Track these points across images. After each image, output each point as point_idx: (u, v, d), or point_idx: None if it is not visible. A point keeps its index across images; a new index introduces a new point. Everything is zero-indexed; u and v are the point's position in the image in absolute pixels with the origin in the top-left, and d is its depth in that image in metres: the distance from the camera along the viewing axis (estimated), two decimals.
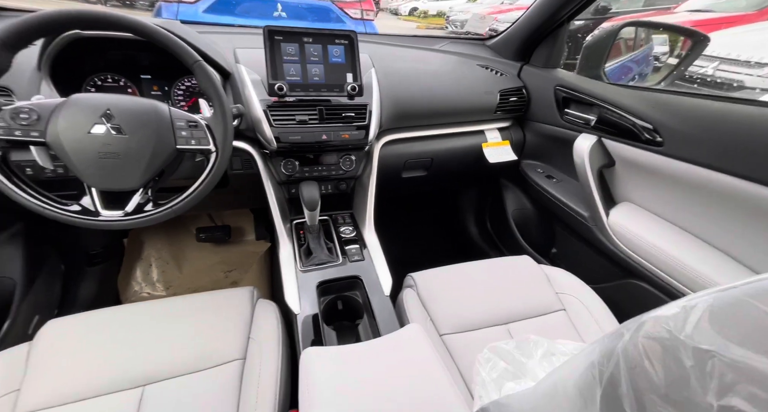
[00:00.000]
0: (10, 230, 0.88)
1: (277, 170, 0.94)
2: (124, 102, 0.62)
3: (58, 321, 0.66)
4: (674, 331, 0.21)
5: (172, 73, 0.92)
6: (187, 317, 0.72)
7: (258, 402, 0.61)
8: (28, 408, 0.55)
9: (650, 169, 0.88)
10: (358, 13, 3.04)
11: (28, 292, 0.89)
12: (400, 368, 0.50)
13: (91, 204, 0.63)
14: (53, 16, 0.56)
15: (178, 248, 1.35)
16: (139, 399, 0.60)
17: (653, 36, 1.55)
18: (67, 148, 0.58)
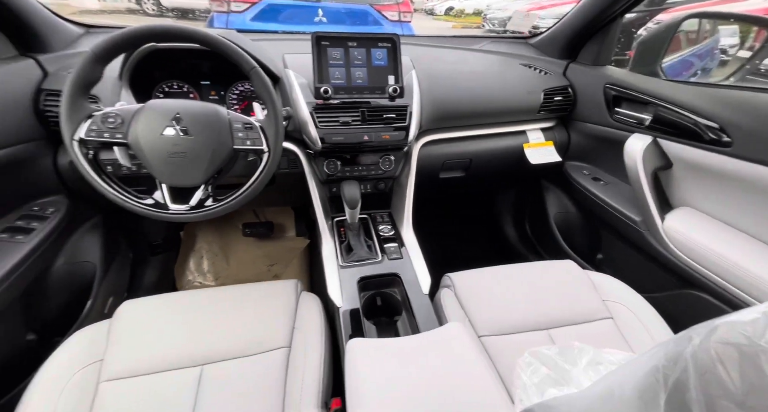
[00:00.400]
0: (91, 221, 1.00)
1: (320, 170, 0.98)
2: (191, 107, 0.68)
3: (132, 302, 0.74)
4: (753, 337, 0.21)
5: (228, 79, 0.99)
6: (239, 305, 0.77)
7: (303, 389, 0.64)
8: (111, 376, 0.62)
9: (715, 171, 0.82)
10: (396, 15, 3.07)
11: (105, 276, 1.00)
12: (443, 365, 0.51)
13: (162, 198, 0.69)
14: (137, 32, 0.63)
15: (225, 242, 1.45)
16: (199, 376, 0.65)
17: (720, 27, 1.43)
18: (144, 148, 0.65)
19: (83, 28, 0.99)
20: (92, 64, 0.63)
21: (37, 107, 0.79)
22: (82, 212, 0.94)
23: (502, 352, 0.73)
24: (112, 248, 1.06)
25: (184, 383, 0.64)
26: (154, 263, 1.27)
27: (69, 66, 0.84)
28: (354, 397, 0.49)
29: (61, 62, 0.85)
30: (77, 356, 0.64)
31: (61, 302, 0.91)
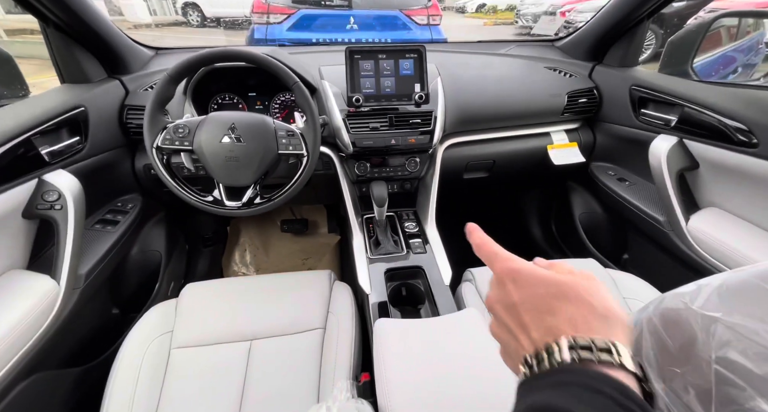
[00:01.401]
0: (157, 216, 1.17)
1: (352, 171, 1.07)
2: (244, 117, 0.80)
3: (193, 285, 0.87)
4: (689, 303, 0.27)
5: (271, 91, 1.11)
6: (281, 291, 0.88)
7: (336, 364, 0.73)
8: (180, 344, 0.75)
9: (742, 172, 0.82)
10: (425, 19, 3.13)
11: (168, 263, 1.16)
12: (461, 343, 0.58)
13: (219, 196, 0.81)
14: (203, 56, 0.75)
15: (266, 237, 1.59)
16: (248, 350, 0.77)
17: (766, 22, 1.36)
18: (207, 154, 0.77)
19: (153, 50, 1.16)
20: (168, 84, 0.77)
21: (122, 120, 0.95)
22: (151, 207, 1.10)
23: None
24: (173, 239, 1.23)
25: (237, 354, 0.76)
26: (205, 254, 1.44)
27: (145, 84, 0.99)
28: (381, 369, 0.57)
29: (139, 81, 1.01)
30: (154, 327, 0.78)
31: (136, 283, 1.08)
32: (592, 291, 0.26)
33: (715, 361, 0.24)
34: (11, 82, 0.89)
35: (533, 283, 0.28)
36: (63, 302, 0.73)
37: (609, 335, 0.23)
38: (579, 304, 0.25)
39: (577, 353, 0.23)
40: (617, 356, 0.22)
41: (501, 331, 0.29)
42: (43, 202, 0.73)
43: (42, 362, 0.71)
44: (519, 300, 0.27)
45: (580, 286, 0.26)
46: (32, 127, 0.72)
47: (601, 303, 0.25)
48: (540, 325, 0.26)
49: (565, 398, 0.21)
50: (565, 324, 0.25)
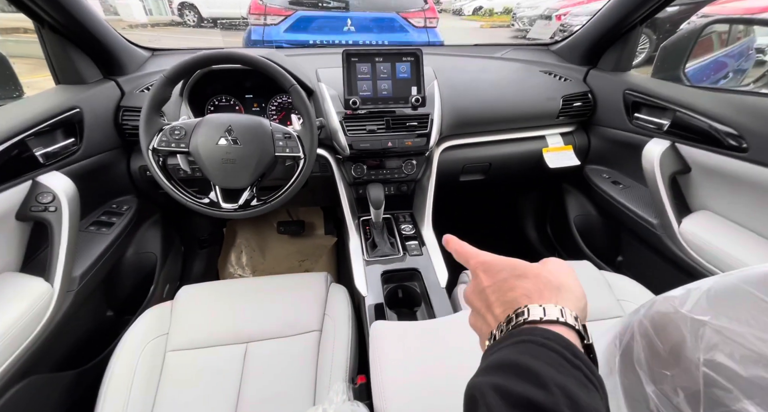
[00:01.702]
0: (153, 218, 1.16)
1: (348, 173, 1.08)
2: (240, 120, 0.80)
3: (188, 288, 0.86)
4: (678, 307, 0.27)
5: (268, 93, 1.11)
6: (277, 293, 0.88)
7: (333, 366, 0.73)
8: (175, 347, 0.75)
9: (733, 176, 0.83)
10: (422, 22, 3.14)
11: (164, 265, 1.15)
12: (457, 345, 0.58)
13: (215, 198, 0.81)
14: (201, 58, 0.75)
15: (262, 238, 1.59)
16: (244, 352, 0.77)
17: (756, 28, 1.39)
18: (203, 156, 0.77)
19: (149, 51, 1.15)
20: (164, 86, 0.77)
21: (117, 121, 0.94)
22: (146, 209, 1.10)
23: None
24: (168, 241, 1.22)
25: (233, 357, 0.76)
26: (201, 255, 1.43)
27: (140, 86, 0.99)
28: (378, 372, 0.58)
29: (134, 83, 1.00)
30: (149, 330, 0.77)
31: (131, 285, 1.07)
32: (550, 270, 0.30)
33: (704, 363, 0.24)
34: (5, 82, 0.89)
35: (499, 269, 0.32)
36: (57, 304, 0.72)
37: (559, 303, 0.27)
38: (536, 280, 0.29)
39: (528, 315, 0.27)
40: (560, 316, 0.26)
41: (475, 319, 0.33)
42: (37, 204, 0.72)
43: (36, 365, 0.70)
44: (487, 285, 0.31)
45: (543, 268, 0.30)
46: (26, 129, 0.71)
47: (557, 278, 0.29)
48: (502, 301, 0.30)
49: (519, 353, 0.24)
50: (521, 297, 0.29)
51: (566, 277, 0.30)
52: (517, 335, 0.26)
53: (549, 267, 0.31)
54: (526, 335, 0.26)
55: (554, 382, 0.22)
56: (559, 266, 0.31)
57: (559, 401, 0.21)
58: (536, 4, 7.58)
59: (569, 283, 0.30)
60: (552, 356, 0.24)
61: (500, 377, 0.24)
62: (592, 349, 0.27)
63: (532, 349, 0.24)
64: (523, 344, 0.25)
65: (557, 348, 0.24)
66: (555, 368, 0.23)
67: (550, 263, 0.32)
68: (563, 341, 0.25)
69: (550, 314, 0.26)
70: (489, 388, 0.23)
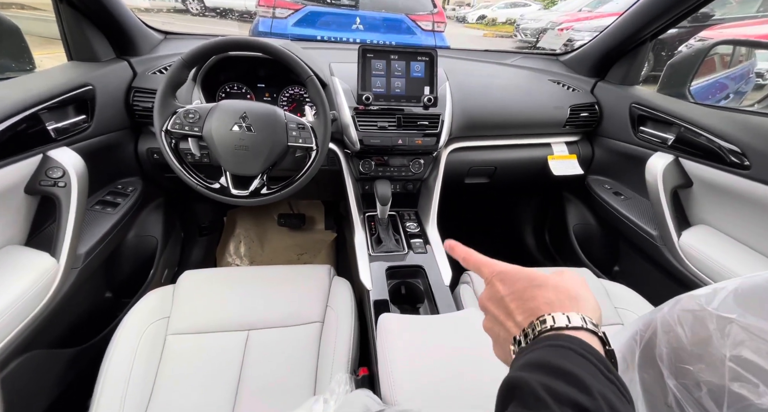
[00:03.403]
0: (156, 202, 1.15)
1: (356, 168, 1.08)
2: (255, 107, 0.80)
3: (190, 273, 0.86)
4: (704, 305, 0.28)
5: (280, 83, 1.11)
6: (280, 283, 0.87)
7: (335, 357, 0.73)
8: (175, 331, 0.74)
9: (733, 192, 0.86)
10: (429, 25, 3.16)
11: (164, 250, 1.14)
12: (461, 340, 0.59)
13: (226, 183, 0.81)
14: (222, 43, 0.75)
15: (262, 230, 1.58)
16: (245, 339, 0.76)
17: (757, 52, 1.43)
18: (216, 141, 0.76)
19: (163, 34, 1.14)
20: (181, 69, 0.76)
21: (128, 102, 0.93)
22: (150, 192, 1.09)
23: None
24: (169, 226, 1.21)
25: (234, 344, 0.75)
26: (200, 243, 1.42)
27: (153, 68, 0.98)
28: (384, 360, 0.58)
29: (147, 64, 0.99)
30: (150, 313, 0.77)
31: (131, 268, 1.06)
32: (566, 280, 0.32)
33: (730, 359, 0.25)
34: (19, 54, 0.87)
35: (516, 279, 0.33)
36: (62, 280, 0.71)
37: (579, 310, 0.29)
38: (555, 290, 0.31)
39: (554, 323, 0.28)
40: (584, 324, 0.28)
41: (492, 324, 0.34)
42: (46, 178, 0.71)
43: (37, 339, 0.69)
44: (505, 294, 0.33)
45: (556, 278, 0.32)
46: (40, 102, 0.70)
47: (574, 289, 0.31)
48: (524, 309, 0.31)
49: (559, 357, 0.26)
50: (543, 305, 0.30)
51: (582, 288, 0.32)
52: (548, 340, 0.28)
53: (565, 277, 0.32)
54: (558, 340, 0.27)
55: (597, 390, 0.24)
56: (573, 277, 0.33)
57: (603, 408, 0.23)
58: (539, 17, 7.69)
59: (585, 294, 0.31)
60: (589, 366, 0.25)
61: (545, 377, 0.25)
62: (613, 355, 0.29)
63: (570, 355, 0.26)
64: (561, 349, 0.26)
65: (592, 359, 0.26)
66: (594, 377, 0.24)
67: (565, 273, 0.33)
68: (595, 352, 0.26)
69: (574, 321, 0.28)
70: (538, 385, 0.24)
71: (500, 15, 11.36)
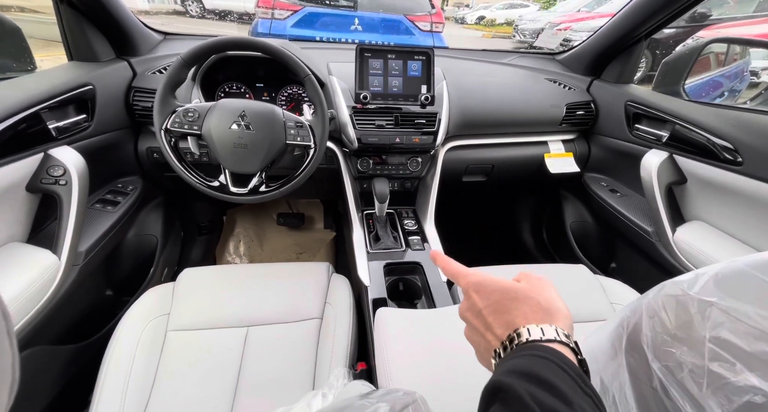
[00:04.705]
0: (155, 201, 1.16)
1: (354, 167, 1.09)
2: (254, 106, 0.81)
3: (190, 270, 0.86)
4: (687, 289, 0.29)
5: (278, 83, 1.12)
6: (280, 280, 0.88)
7: (333, 353, 0.74)
8: (176, 327, 0.75)
9: (726, 188, 0.87)
10: (428, 26, 3.18)
11: (164, 249, 1.15)
12: (459, 335, 0.60)
13: (225, 181, 0.82)
14: (220, 42, 0.76)
15: (261, 229, 1.59)
16: (245, 336, 0.77)
17: (752, 50, 1.45)
18: (215, 139, 0.77)
19: (162, 34, 1.15)
20: (180, 68, 0.77)
21: (128, 101, 0.94)
22: (150, 191, 1.10)
23: None
24: (169, 225, 1.22)
25: (233, 340, 0.76)
26: (200, 242, 1.43)
27: (152, 68, 0.99)
28: (382, 353, 0.59)
29: (146, 64, 1.00)
30: (150, 309, 0.77)
31: (131, 266, 1.07)
32: (539, 291, 0.34)
33: (709, 340, 0.26)
34: (20, 55, 0.88)
35: (491, 290, 0.35)
36: (63, 277, 0.72)
37: (552, 322, 0.31)
38: (528, 302, 0.33)
39: (530, 336, 0.30)
40: (557, 336, 0.30)
41: (473, 334, 0.36)
42: (48, 176, 0.72)
43: (39, 336, 0.70)
44: (482, 306, 0.34)
45: (528, 289, 0.34)
46: (41, 101, 0.71)
47: (545, 299, 0.33)
48: (501, 323, 0.33)
49: (540, 367, 0.28)
50: (519, 318, 0.32)
51: (553, 298, 0.33)
52: (522, 351, 0.30)
53: (537, 288, 0.34)
54: (537, 350, 0.29)
55: (577, 403, 0.25)
56: (545, 286, 0.34)
57: None
58: (537, 18, 7.73)
59: (557, 304, 0.33)
60: (568, 378, 0.27)
61: (530, 385, 0.26)
62: (585, 364, 0.30)
63: (551, 367, 0.27)
64: (542, 359, 0.28)
65: (570, 372, 0.27)
66: (573, 390, 0.26)
67: (533, 283, 0.35)
68: (571, 364, 0.28)
69: (548, 333, 0.30)
70: (524, 392, 0.26)
71: (499, 16, 11.41)
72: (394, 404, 0.35)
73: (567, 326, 0.32)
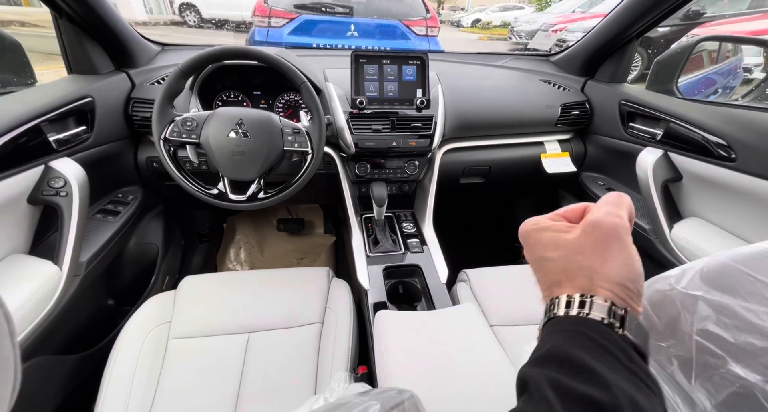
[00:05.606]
0: (156, 209, 1.17)
1: (352, 171, 1.10)
2: (251, 114, 0.82)
3: (191, 278, 0.87)
4: (674, 284, 0.30)
5: (276, 90, 1.13)
6: (280, 286, 0.89)
7: (334, 357, 0.75)
8: (177, 335, 0.75)
9: (721, 184, 0.87)
10: (423, 30, 3.21)
11: (165, 257, 1.16)
12: (457, 335, 0.60)
13: (224, 189, 0.83)
14: (216, 52, 0.77)
15: (261, 235, 1.59)
16: (246, 342, 0.77)
17: (744, 47, 1.46)
18: (213, 147, 0.78)
19: (160, 46, 1.17)
20: (178, 78, 0.78)
21: (127, 112, 0.96)
22: (150, 200, 1.11)
23: (512, 340, 0.80)
24: (170, 233, 1.23)
25: (235, 347, 0.76)
26: (200, 249, 1.44)
27: (151, 79, 1.01)
28: (381, 357, 0.59)
29: (145, 75, 1.02)
30: (152, 317, 0.78)
31: (132, 275, 1.07)
32: (591, 247, 0.30)
33: (696, 333, 0.27)
34: (21, 69, 0.90)
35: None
36: (64, 287, 0.72)
37: (595, 289, 0.27)
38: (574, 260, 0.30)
39: (568, 308, 0.27)
40: (596, 308, 0.26)
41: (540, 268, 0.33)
42: (48, 188, 0.73)
43: (41, 346, 0.70)
44: (583, 244, 0.30)
45: (577, 244, 0.30)
46: (42, 114, 0.73)
47: (598, 258, 0.29)
48: (544, 281, 0.31)
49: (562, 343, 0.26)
50: (563, 280, 0.29)
51: (608, 259, 0.28)
52: (560, 324, 0.27)
53: (589, 243, 0.29)
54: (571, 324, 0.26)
55: (615, 383, 0.22)
56: (604, 239, 0.29)
57: (622, 403, 0.21)
58: (533, 19, 7.78)
59: (610, 266, 0.28)
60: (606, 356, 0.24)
61: (556, 371, 0.24)
62: (627, 338, 0.26)
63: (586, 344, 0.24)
64: (575, 336, 0.25)
65: (611, 348, 0.24)
66: (613, 368, 0.23)
67: (590, 234, 0.30)
68: (614, 339, 0.25)
69: (587, 305, 0.26)
70: (546, 380, 0.24)
71: (495, 18, 11.50)
72: (386, 402, 0.35)
73: (623, 291, 0.26)
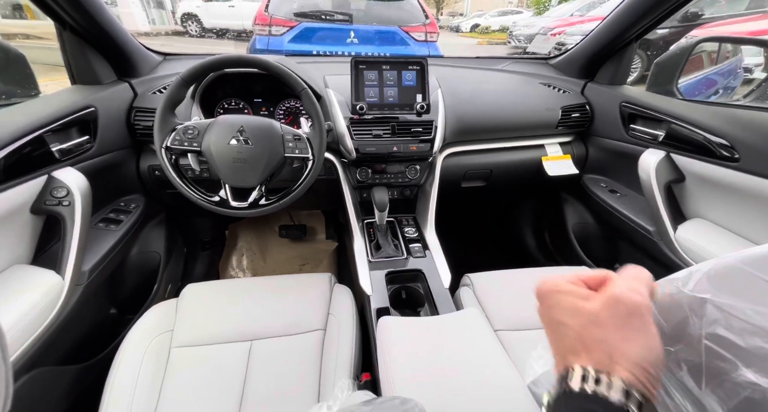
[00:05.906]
0: (158, 217, 1.17)
1: (353, 177, 1.10)
2: (252, 121, 0.82)
3: (193, 286, 0.87)
4: (681, 287, 0.29)
5: (276, 97, 1.14)
6: (282, 293, 0.88)
7: (337, 364, 0.74)
8: (180, 343, 0.75)
9: (725, 185, 0.87)
10: (423, 36, 3.23)
11: (167, 265, 1.16)
12: (461, 340, 0.60)
13: (225, 196, 0.83)
14: (217, 61, 0.78)
15: (263, 242, 1.59)
16: (249, 350, 0.77)
17: (744, 47, 1.46)
18: (215, 155, 0.79)
19: (161, 55, 1.18)
20: (180, 87, 0.79)
21: (129, 121, 0.97)
22: (152, 209, 1.11)
23: (516, 345, 0.79)
24: (172, 241, 1.23)
25: (238, 355, 0.76)
26: (203, 257, 1.43)
27: (153, 88, 1.02)
28: (385, 363, 0.59)
29: (147, 85, 1.03)
30: (154, 326, 0.78)
31: (134, 284, 1.07)
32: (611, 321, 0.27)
33: (705, 337, 0.26)
34: (24, 81, 0.91)
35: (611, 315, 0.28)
36: (67, 297, 0.72)
37: (613, 369, 0.25)
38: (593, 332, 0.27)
39: (582, 382, 0.26)
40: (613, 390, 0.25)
41: (556, 334, 0.30)
42: (51, 198, 0.73)
43: (43, 356, 0.70)
44: (603, 317, 0.27)
45: (600, 314, 0.28)
46: (45, 125, 0.73)
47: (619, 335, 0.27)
48: (557, 347, 0.30)
49: None
50: (579, 350, 0.27)
51: (628, 338, 0.26)
52: (574, 400, 0.25)
53: (609, 316, 0.27)
54: (582, 402, 0.25)
55: None
56: (626, 313, 0.27)
57: None
58: (532, 23, 7.84)
59: (630, 346, 0.26)
60: None
61: None
62: None
63: None
64: None
65: None
66: None
67: (611, 307, 0.27)
68: None
69: (602, 385, 0.25)
70: None
71: (493, 23, 11.59)
72: None
73: (643, 374, 0.25)
